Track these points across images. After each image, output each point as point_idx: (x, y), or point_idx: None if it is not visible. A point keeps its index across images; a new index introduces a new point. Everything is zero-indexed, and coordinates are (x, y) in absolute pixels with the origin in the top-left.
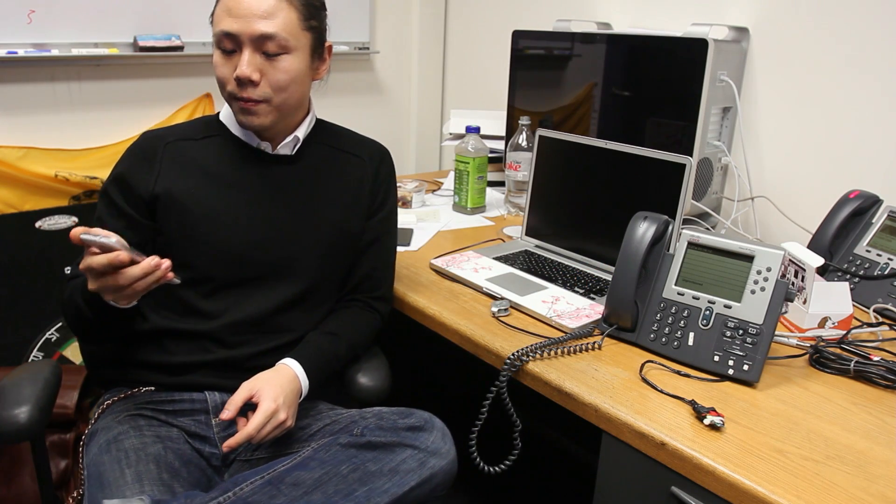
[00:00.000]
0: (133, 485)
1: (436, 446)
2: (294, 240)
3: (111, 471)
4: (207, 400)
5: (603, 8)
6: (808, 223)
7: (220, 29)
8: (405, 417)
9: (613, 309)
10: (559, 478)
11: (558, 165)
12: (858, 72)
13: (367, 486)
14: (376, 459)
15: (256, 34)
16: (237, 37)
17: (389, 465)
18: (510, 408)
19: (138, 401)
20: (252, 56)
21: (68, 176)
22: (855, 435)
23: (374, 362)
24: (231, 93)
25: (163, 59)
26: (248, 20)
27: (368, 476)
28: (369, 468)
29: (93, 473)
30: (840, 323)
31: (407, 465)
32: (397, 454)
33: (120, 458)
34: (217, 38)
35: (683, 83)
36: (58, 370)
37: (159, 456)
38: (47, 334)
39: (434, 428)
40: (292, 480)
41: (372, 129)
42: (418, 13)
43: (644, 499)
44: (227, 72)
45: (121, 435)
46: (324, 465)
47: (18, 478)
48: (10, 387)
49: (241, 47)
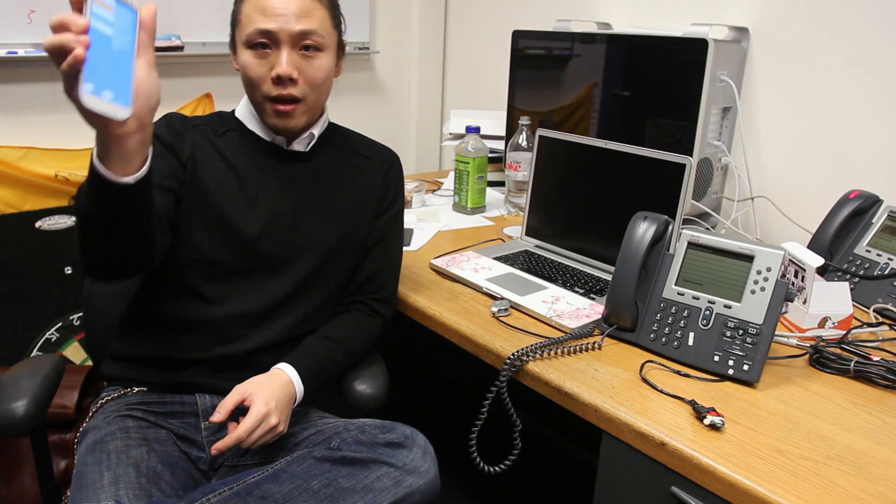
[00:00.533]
0: (109, 488)
1: (414, 464)
2: (302, 234)
3: (91, 472)
4: (198, 403)
5: (603, 8)
6: (808, 223)
7: (256, 27)
8: (386, 432)
9: (613, 309)
10: (559, 478)
11: (558, 165)
12: (858, 72)
13: (337, 503)
14: (350, 475)
15: (296, 31)
16: (275, 35)
17: (363, 483)
18: (510, 408)
19: (130, 401)
20: (290, 54)
21: (68, 176)
22: (855, 435)
23: (373, 369)
24: (266, 93)
25: (163, 59)
26: (286, 18)
27: (340, 493)
28: (342, 484)
29: (76, 474)
30: (840, 323)
31: (381, 483)
32: (372, 471)
33: (101, 460)
34: (249, 38)
35: (683, 83)
36: (59, 366)
37: (141, 460)
38: (47, 334)
39: (415, 445)
40: (261, 493)
41: (372, 129)
42: (418, 13)
43: (644, 499)
44: (262, 71)
45: (107, 436)
46: (295, 478)
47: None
48: (9, 381)
49: (279, 46)
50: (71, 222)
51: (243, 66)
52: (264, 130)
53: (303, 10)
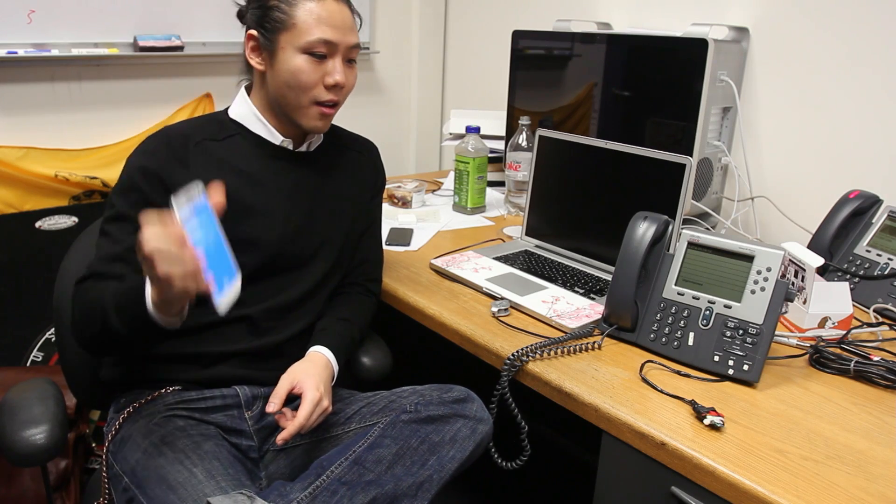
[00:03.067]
0: (208, 482)
1: (480, 414)
2: (318, 231)
3: (176, 471)
4: (239, 394)
5: (603, 8)
6: (808, 223)
7: (320, 37)
8: (448, 392)
9: (613, 309)
10: (559, 478)
11: (558, 165)
12: (859, 72)
13: (435, 454)
14: (437, 431)
15: (352, 44)
16: (335, 45)
17: (450, 435)
18: (515, 410)
19: (168, 401)
20: (342, 64)
21: (68, 176)
22: (855, 435)
23: (373, 343)
24: (316, 98)
25: (163, 59)
26: (343, 31)
27: (435, 446)
28: (433, 439)
29: (149, 477)
30: (840, 323)
31: (462, 433)
32: (452, 424)
33: (181, 459)
34: (310, 45)
35: (683, 83)
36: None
37: (216, 453)
38: (47, 334)
39: (475, 399)
40: (374, 458)
41: (372, 129)
42: (418, 13)
43: (644, 499)
44: (315, 77)
45: (168, 436)
46: (396, 441)
47: (18, 478)
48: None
49: (334, 55)
50: (71, 222)
51: (295, 69)
52: (271, 133)
53: (352, 23)
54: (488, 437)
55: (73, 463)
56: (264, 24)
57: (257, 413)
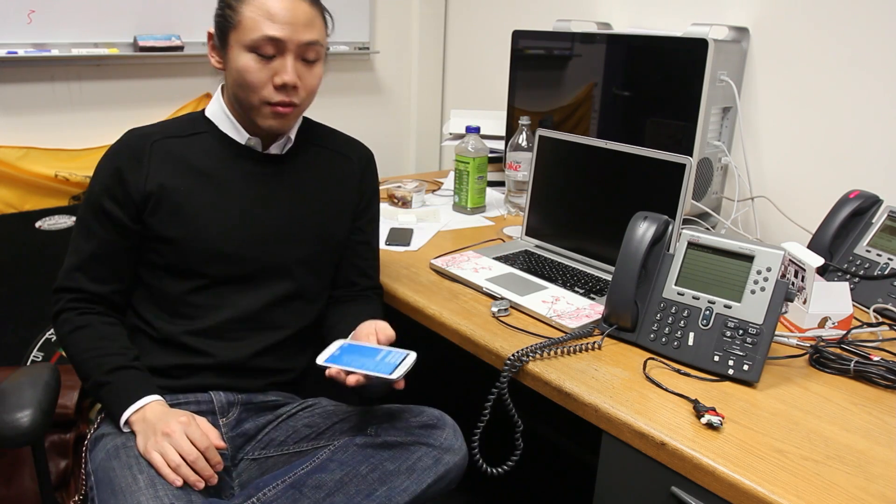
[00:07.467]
0: (147, 490)
1: (449, 443)
2: (285, 238)
3: (122, 476)
4: (213, 400)
5: (603, 8)
6: (808, 223)
7: (264, 34)
8: (417, 416)
9: (613, 309)
10: (559, 478)
11: (558, 165)
12: (858, 71)
13: (386, 485)
14: (393, 458)
15: (304, 41)
16: (283, 43)
17: (406, 464)
18: (512, 409)
19: None
20: (294, 62)
21: (68, 176)
22: (855, 435)
23: None
24: (266, 98)
25: (163, 59)
26: (294, 27)
27: (387, 475)
28: (387, 467)
29: (102, 479)
30: (840, 323)
31: (423, 462)
32: (413, 452)
33: (131, 464)
34: (256, 43)
35: (683, 83)
36: (56, 373)
37: None
38: (47, 334)
39: (446, 425)
40: (314, 483)
41: (372, 129)
42: (418, 13)
43: (644, 499)
44: (263, 76)
45: (130, 440)
46: (343, 466)
47: (18, 478)
48: (10, 391)
49: (283, 54)
50: (71, 222)
51: (241, 69)
52: (238, 133)
53: (308, 19)
54: (457, 468)
55: (73, 463)
56: (218, 22)
57: (233, 419)
